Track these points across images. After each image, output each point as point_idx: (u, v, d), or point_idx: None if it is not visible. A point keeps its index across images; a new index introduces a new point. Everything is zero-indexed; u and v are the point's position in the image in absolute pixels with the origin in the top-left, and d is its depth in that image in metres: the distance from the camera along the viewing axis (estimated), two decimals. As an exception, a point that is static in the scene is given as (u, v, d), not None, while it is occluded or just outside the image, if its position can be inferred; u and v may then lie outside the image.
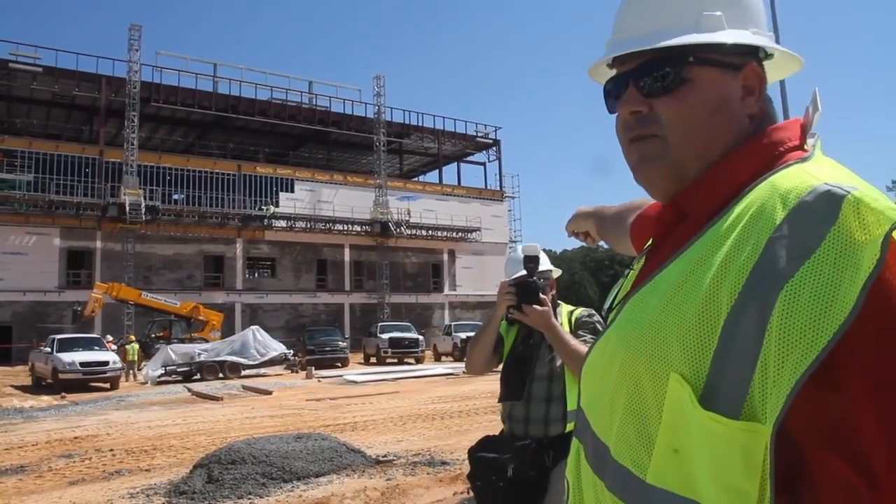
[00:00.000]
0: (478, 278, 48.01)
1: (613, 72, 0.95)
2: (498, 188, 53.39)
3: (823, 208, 0.69)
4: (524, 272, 2.58)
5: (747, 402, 0.68)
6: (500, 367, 2.84)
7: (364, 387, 19.16)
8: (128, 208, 35.57)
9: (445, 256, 48.83)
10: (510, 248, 52.98)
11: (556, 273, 2.81)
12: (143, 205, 36.16)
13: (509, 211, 53.43)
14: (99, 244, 37.40)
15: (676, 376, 0.74)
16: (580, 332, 2.67)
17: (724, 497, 0.69)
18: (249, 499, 6.55)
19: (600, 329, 2.56)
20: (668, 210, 0.95)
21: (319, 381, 21.64)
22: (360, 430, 11.15)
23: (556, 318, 2.62)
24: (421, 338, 30.55)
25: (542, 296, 2.51)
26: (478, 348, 2.77)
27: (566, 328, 2.66)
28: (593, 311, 2.79)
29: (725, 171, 0.86)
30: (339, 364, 27.90)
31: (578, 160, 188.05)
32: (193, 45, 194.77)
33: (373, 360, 29.64)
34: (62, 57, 38.68)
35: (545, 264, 2.70)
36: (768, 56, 0.93)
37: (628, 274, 1.06)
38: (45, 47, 38.74)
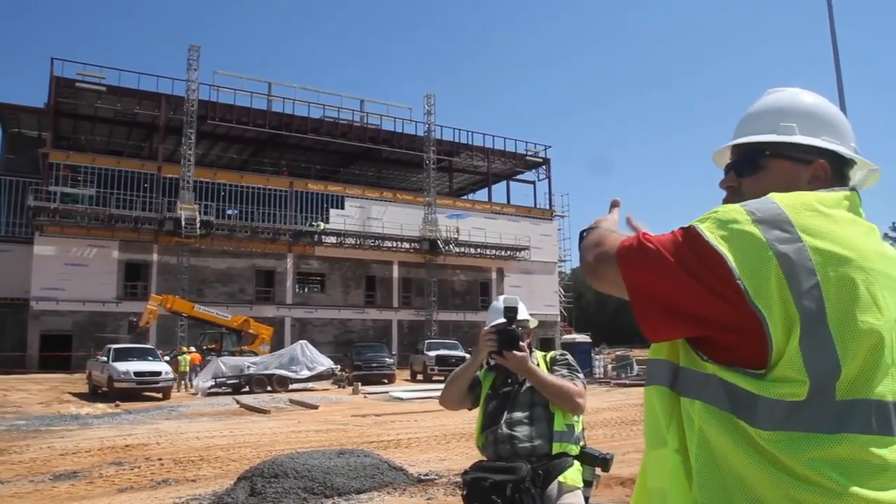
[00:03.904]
0: (526, 297, 46.27)
1: (728, 159, 1.38)
2: (548, 207, 53.18)
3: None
4: (504, 321, 2.77)
5: None
6: (475, 409, 3.00)
7: (409, 404, 19.14)
8: (183, 223, 36.62)
9: (494, 275, 48.71)
10: (559, 265, 52.59)
11: (533, 323, 3.03)
12: (198, 219, 37.17)
13: (559, 230, 53.12)
14: (155, 257, 38.51)
15: None
16: (555, 368, 2.88)
17: None
18: (291, 513, 6.56)
19: (573, 365, 2.90)
20: None
21: (365, 396, 21.72)
22: (403, 447, 11.11)
23: (532, 362, 2.83)
24: (468, 356, 30.14)
25: (521, 343, 2.70)
26: (455, 385, 2.95)
27: (543, 369, 2.86)
28: (565, 352, 3.02)
29: None
30: (386, 380, 27.91)
31: (628, 179, 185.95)
32: (249, 64, 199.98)
33: (419, 377, 29.56)
34: (125, 76, 40.22)
35: (523, 314, 2.90)
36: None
37: None
38: (109, 67, 40.33)
